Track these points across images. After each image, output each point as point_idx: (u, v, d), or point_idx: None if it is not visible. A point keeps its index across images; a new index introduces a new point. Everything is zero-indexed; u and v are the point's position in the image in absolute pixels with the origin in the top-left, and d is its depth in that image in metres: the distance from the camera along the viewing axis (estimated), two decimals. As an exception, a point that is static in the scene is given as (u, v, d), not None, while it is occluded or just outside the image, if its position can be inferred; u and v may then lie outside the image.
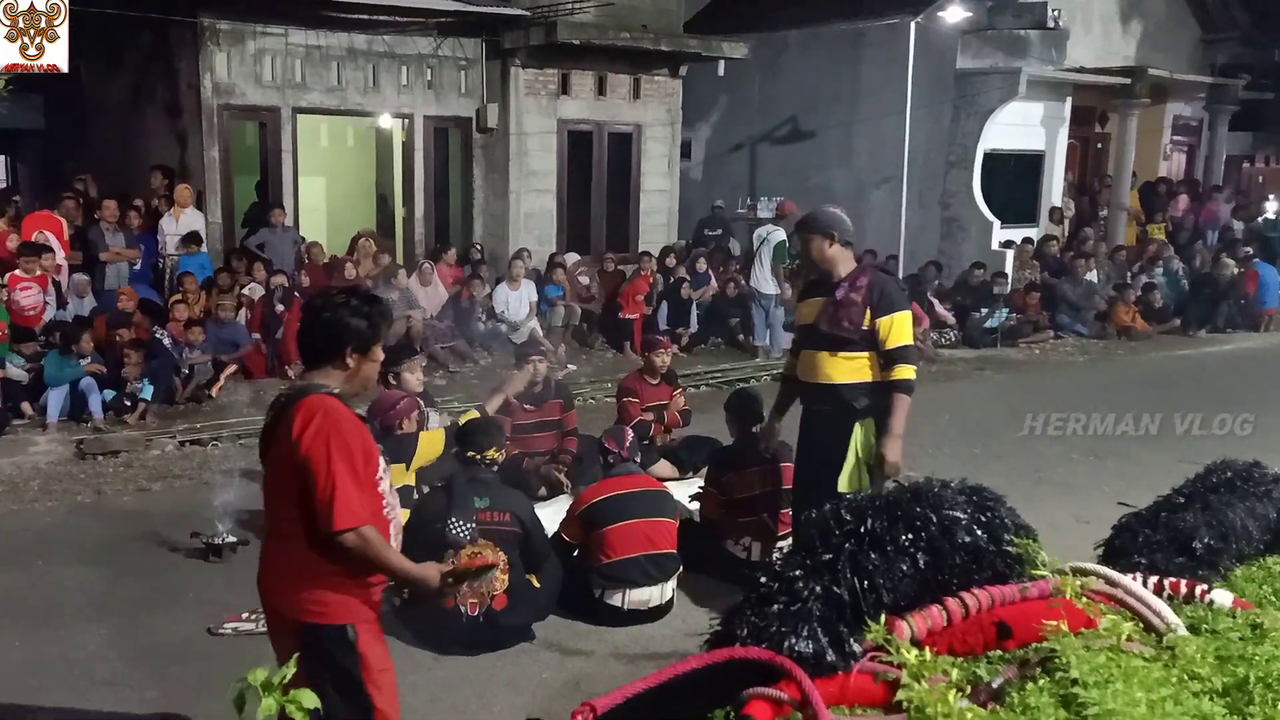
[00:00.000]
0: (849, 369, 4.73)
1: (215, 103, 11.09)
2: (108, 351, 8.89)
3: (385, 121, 12.80)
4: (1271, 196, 18.97)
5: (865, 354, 4.70)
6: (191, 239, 10.64)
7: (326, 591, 2.91)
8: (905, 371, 4.68)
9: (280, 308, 10.28)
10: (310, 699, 1.58)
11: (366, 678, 2.93)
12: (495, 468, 5.12)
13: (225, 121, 11.30)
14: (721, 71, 14.71)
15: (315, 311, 3.09)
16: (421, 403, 6.24)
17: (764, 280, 12.09)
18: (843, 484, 4.66)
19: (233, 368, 9.61)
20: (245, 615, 5.05)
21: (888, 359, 4.68)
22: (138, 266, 10.59)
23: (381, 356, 3.19)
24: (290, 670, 1.61)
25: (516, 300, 11.69)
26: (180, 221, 10.80)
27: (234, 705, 1.60)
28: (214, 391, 9.35)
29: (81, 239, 10.33)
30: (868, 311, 4.67)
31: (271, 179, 11.82)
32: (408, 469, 5.61)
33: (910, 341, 4.75)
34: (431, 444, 5.71)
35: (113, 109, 12.54)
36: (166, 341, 9.35)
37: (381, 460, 3.09)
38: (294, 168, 11.84)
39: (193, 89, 11.12)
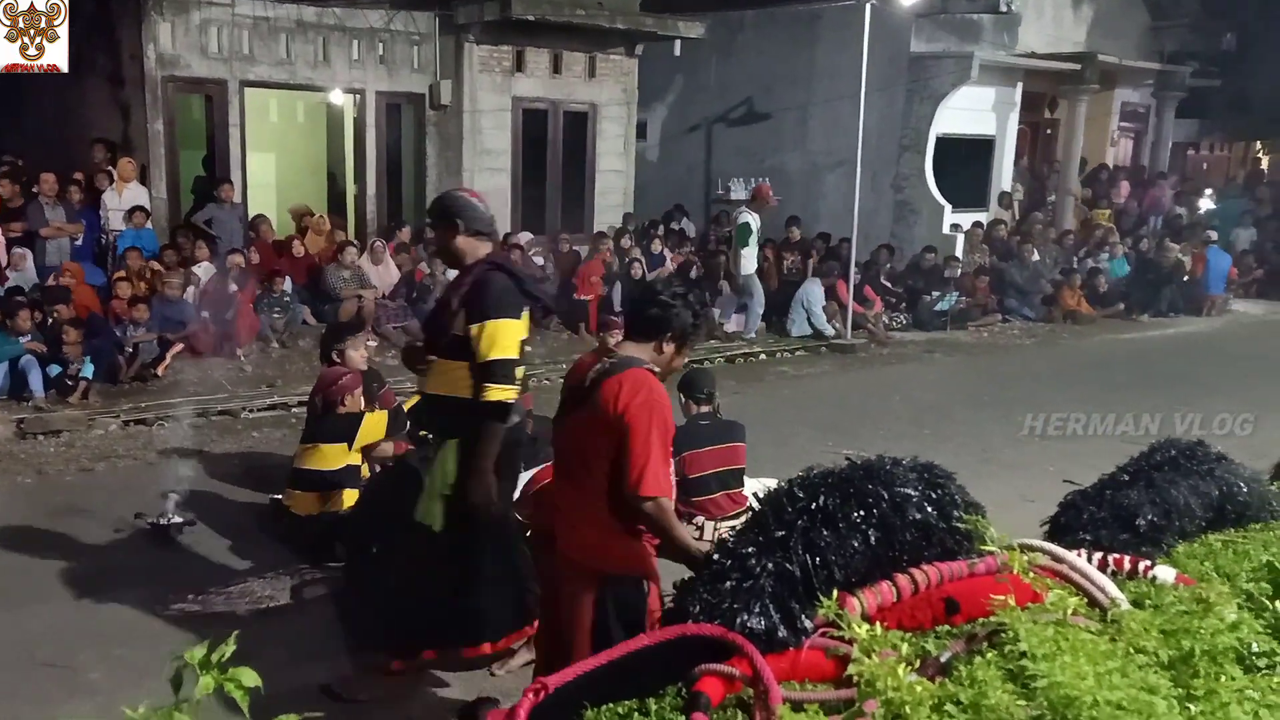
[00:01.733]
0: (442, 379, 4.04)
1: (159, 74, 10.85)
2: (48, 329, 8.70)
3: (336, 97, 12.60)
4: (1209, 190, 19.35)
5: (459, 363, 3.95)
6: (138, 213, 10.42)
7: (626, 547, 3.21)
8: (495, 393, 3.87)
9: (233, 287, 10.10)
10: (250, 677, 1.54)
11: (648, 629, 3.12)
12: (447, 447, 5.07)
13: (170, 94, 11.07)
14: (678, 51, 14.68)
15: (652, 294, 3.41)
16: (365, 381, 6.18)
17: (734, 263, 12.07)
18: (419, 513, 4.00)
19: (179, 346, 9.44)
20: (191, 596, 5.00)
21: (477, 374, 3.90)
22: (79, 242, 10.35)
23: (683, 363, 3.56)
24: (229, 648, 1.57)
25: (470, 280, 11.58)
26: (124, 196, 10.57)
27: (170, 684, 1.57)
28: (160, 370, 9.18)
29: (20, 214, 10.07)
30: (463, 314, 3.95)
31: (219, 154, 11.59)
32: (350, 449, 5.54)
33: (508, 356, 3.92)
34: (375, 426, 5.65)
35: (53, 80, 12.20)
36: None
37: None
38: (242, 143, 11.62)
39: (136, 60, 10.87)
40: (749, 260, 12.04)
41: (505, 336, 3.92)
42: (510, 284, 4.05)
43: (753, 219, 11.79)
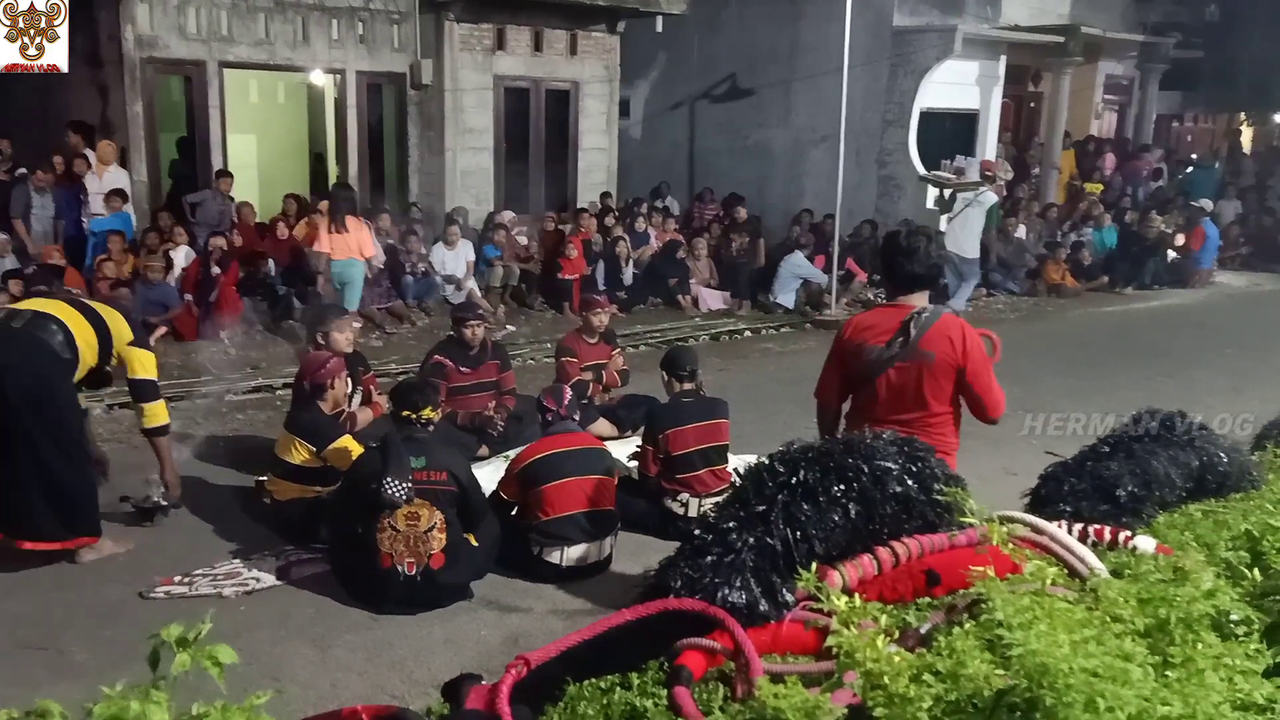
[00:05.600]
0: None
1: (138, 56, 10.75)
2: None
3: (317, 77, 12.51)
4: (1194, 155, 19.43)
5: None
6: (114, 196, 10.35)
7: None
8: None
9: (216, 270, 10.04)
10: (227, 654, 1.54)
11: None
12: (431, 427, 5.08)
13: (149, 76, 10.96)
14: (660, 27, 14.60)
15: (919, 247, 3.93)
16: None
17: (968, 244, 12.08)
18: None
19: (162, 330, 9.40)
20: (177, 578, 4.99)
21: None
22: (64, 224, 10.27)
23: None
24: (206, 626, 1.58)
25: (453, 260, 11.56)
26: (104, 179, 10.49)
27: (148, 662, 1.57)
28: (143, 354, 9.12)
29: (5, 198, 10.00)
30: None
31: (199, 136, 11.51)
32: (317, 453, 5.49)
33: None
34: (349, 450, 5.44)
35: (30, 62, 12.09)
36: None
37: None
38: (222, 124, 11.54)
39: (114, 41, 10.76)
40: (975, 243, 12.15)
41: None
42: None
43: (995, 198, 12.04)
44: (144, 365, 5.37)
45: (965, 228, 12.17)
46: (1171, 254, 15.49)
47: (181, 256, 10.27)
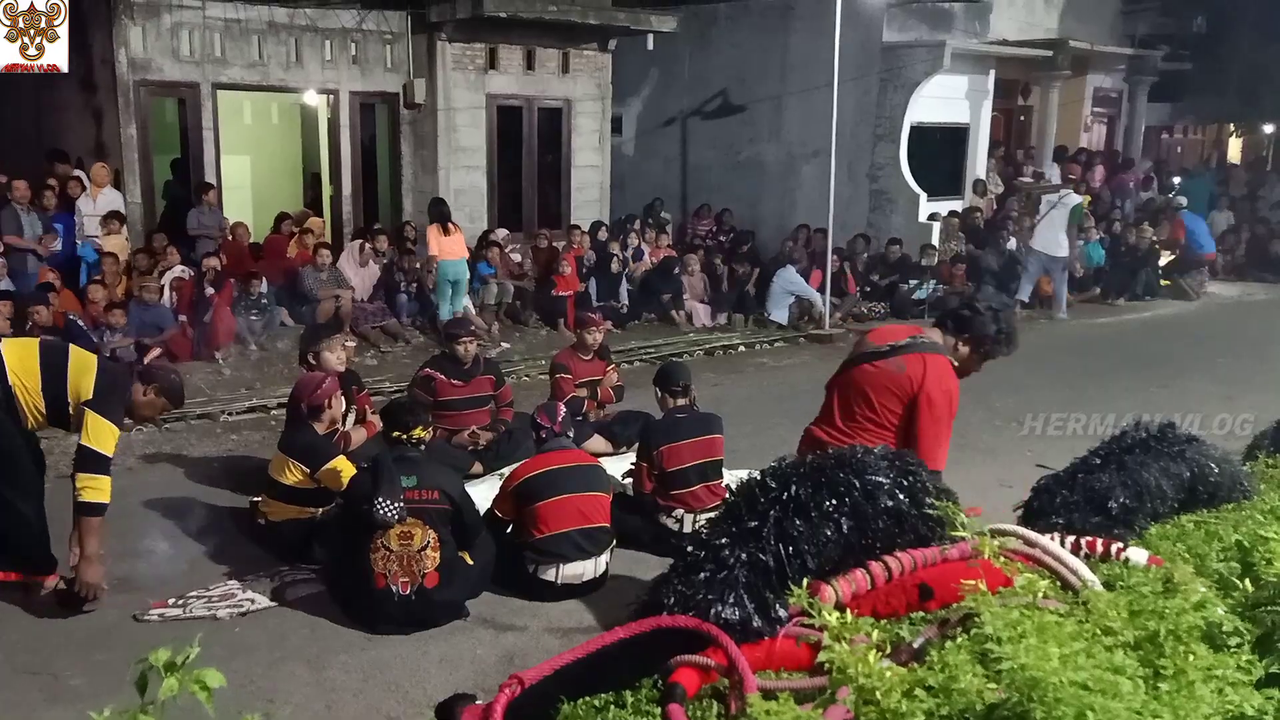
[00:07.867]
0: None
1: (131, 78, 10.78)
2: (26, 334, 8.62)
3: (310, 97, 12.54)
4: (1177, 178, 19.55)
5: None
6: (112, 220, 10.37)
7: None
8: None
9: (210, 290, 10.05)
10: (215, 678, 1.55)
11: None
12: (422, 446, 5.08)
13: (143, 98, 10.99)
14: (651, 45, 14.66)
15: (972, 300, 4.17)
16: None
17: (1055, 243, 13.03)
18: None
19: (156, 351, 9.38)
20: (171, 601, 4.97)
21: None
22: (58, 248, 10.27)
23: (977, 369, 4.15)
24: (194, 650, 1.58)
25: (446, 278, 11.57)
26: (98, 201, 10.51)
27: (136, 687, 1.57)
28: (137, 375, 9.11)
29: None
30: None
31: (193, 157, 11.52)
32: (311, 475, 5.47)
33: None
34: (341, 471, 5.40)
35: (24, 85, 12.10)
36: (81, 323, 9.11)
37: None
38: (216, 145, 11.55)
39: (107, 64, 10.79)
40: (1063, 242, 13.02)
41: None
42: None
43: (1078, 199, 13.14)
44: (94, 434, 4.75)
45: (1051, 229, 13.09)
46: (1167, 256, 15.60)
47: (172, 276, 10.26)
